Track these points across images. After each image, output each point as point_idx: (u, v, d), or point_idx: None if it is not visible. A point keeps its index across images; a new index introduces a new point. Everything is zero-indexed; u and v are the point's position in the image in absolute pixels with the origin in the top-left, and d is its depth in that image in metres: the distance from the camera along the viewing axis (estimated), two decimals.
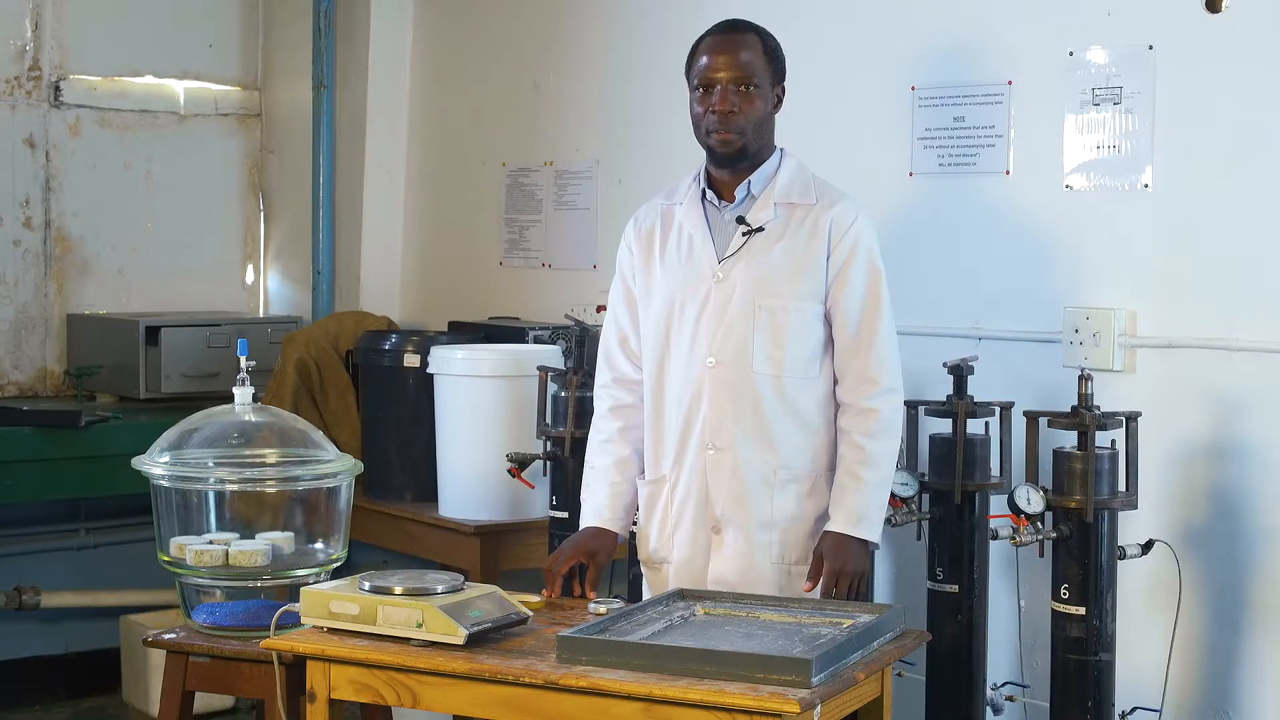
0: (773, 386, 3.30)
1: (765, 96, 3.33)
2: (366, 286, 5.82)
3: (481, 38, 5.56)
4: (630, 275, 3.48)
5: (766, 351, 3.29)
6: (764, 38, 3.37)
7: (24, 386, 5.74)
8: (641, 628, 2.98)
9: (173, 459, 3.53)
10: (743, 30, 3.37)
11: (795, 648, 2.83)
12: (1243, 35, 3.60)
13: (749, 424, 3.30)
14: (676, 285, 3.37)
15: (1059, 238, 3.93)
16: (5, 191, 5.67)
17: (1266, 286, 3.58)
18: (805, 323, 3.30)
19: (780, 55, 3.39)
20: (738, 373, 3.30)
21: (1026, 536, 3.41)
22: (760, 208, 3.34)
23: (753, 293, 3.30)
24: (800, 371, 3.31)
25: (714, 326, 3.32)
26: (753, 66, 3.31)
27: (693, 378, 3.33)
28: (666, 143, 4.88)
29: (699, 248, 3.36)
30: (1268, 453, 3.56)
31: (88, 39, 5.85)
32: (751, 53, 3.32)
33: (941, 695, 3.71)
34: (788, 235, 3.32)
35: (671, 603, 3.15)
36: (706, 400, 3.32)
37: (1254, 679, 3.60)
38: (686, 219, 3.40)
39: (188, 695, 3.49)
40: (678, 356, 3.36)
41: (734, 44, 3.33)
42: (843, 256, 3.30)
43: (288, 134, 6.15)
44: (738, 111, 3.29)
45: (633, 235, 3.49)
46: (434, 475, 4.61)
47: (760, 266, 3.31)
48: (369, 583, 3.02)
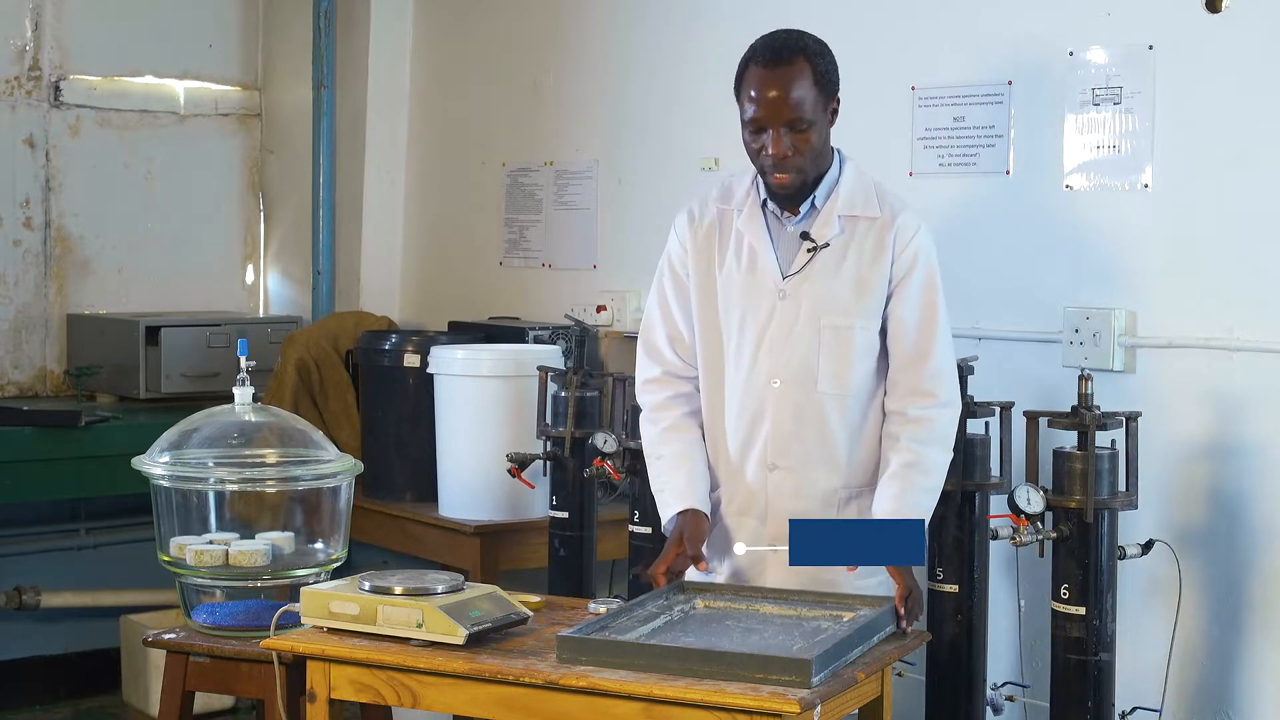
0: (836, 406, 3.22)
1: (820, 127, 3.18)
2: (366, 286, 5.82)
3: (481, 38, 5.56)
4: (684, 271, 3.34)
5: (832, 371, 3.21)
6: (813, 59, 3.17)
7: (24, 386, 5.75)
8: (641, 624, 2.98)
9: (173, 459, 3.53)
10: (790, 59, 3.15)
11: (795, 644, 2.83)
12: (1243, 35, 3.60)
13: (812, 444, 3.22)
14: (736, 298, 3.26)
15: (1059, 238, 3.93)
16: (5, 191, 5.67)
17: (1266, 286, 3.58)
18: (869, 341, 3.22)
19: (833, 72, 3.21)
20: (802, 393, 3.22)
21: (1026, 536, 3.40)
22: (824, 222, 3.23)
23: (818, 311, 3.21)
24: (865, 390, 3.23)
25: (778, 345, 3.22)
26: (804, 104, 3.14)
27: (754, 395, 3.24)
28: (666, 143, 4.89)
29: (762, 261, 3.25)
30: (1268, 453, 3.56)
31: (88, 39, 5.85)
32: (802, 86, 3.13)
33: (941, 695, 3.71)
34: (851, 251, 3.22)
35: (671, 596, 3.14)
36: (769, 420, 3.23)
37: (1254, 679, 3.60)
38: (748, 229, 3.27)
39: (188, 695, 3.50)
40: (738, 372, 3.26)
41: (783, 80, 3.13)
42: (903, 270, 3.22)
43: (288, 134, 6.16)
44: (793, 153, 3.15)
45: (687, 231, 3.34)
46: (434, 475, 4.61)
47: (825, 285, 3.21)
48: (369, 583, 3.02)
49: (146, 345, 5.50)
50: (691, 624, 3.01)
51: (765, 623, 3.01)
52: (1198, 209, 3.69)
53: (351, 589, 3.03)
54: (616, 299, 5.01)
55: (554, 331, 4.84)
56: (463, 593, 3.01)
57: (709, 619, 3.05)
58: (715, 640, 2.88)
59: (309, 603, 3.04)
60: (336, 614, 3.00)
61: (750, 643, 2.88)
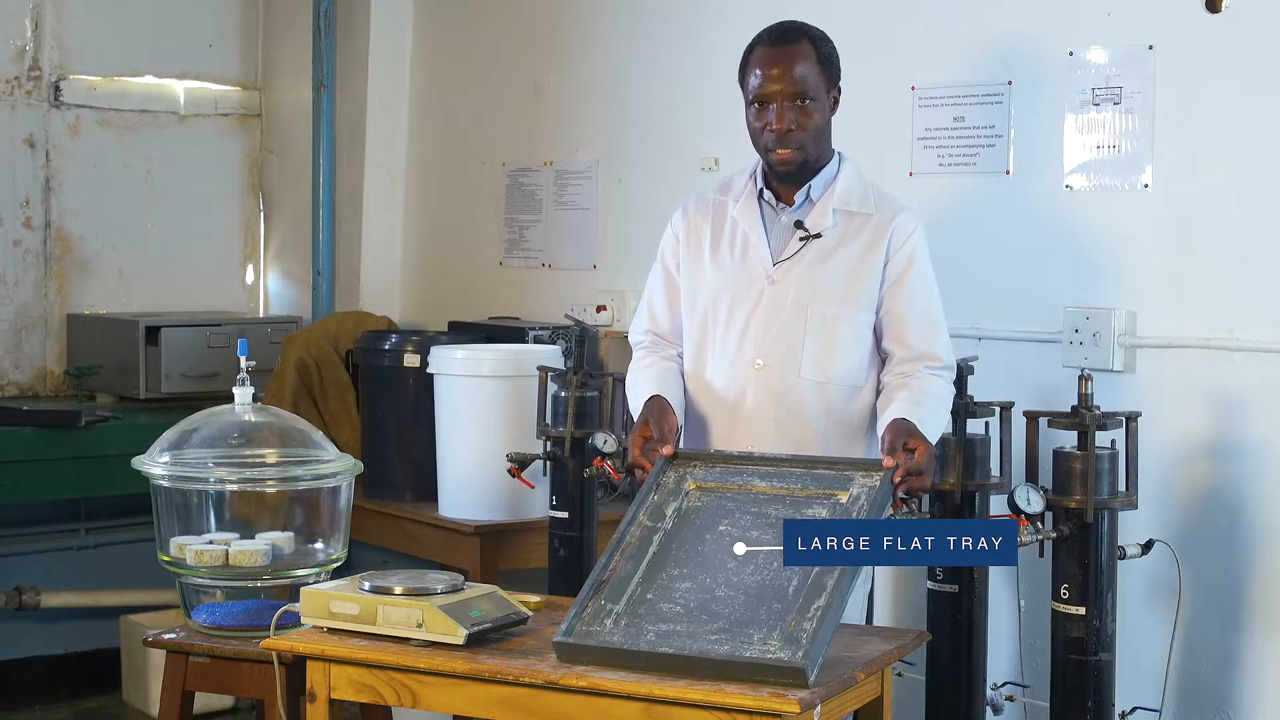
0: (818, 393, 3.25)
1: (822, 107, 3.25)
2: (366, 286, 5.82)
3: (481, 38, 5.56)
4: (675, 265, 3.41)
5: (816, 358, 3.24)
6: (817, 43, 3.27)
7: (24, 386, 5.74)
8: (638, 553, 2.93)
9: (173, 459, 3.53)
10: (794, 39, 3.26)
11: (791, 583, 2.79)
12: (1243, 35, 3.60)
13: (790, 429, 3.25)
14: (727, 282, 3.31)
15: (1059, 238, 3.93)
16: (5, 191, 5.67)
17: (1266, 286, 3.58)
18: (856, 332, 3.26)
19: (835, 58, 3.30)
20: (784, 377, 3.25)
21: (1026, 536, 3.40)
22: (819, 214, 3.28)
23: (806, 298, 3.25)
24: (848, 380, 3.26)
25: (764, 328, 3.26)
26: (807, 79, 3.22)
27: (737, 378, 3.28)
28: (666, 143, 4.89)
29: (754, 248, 3.30)
30: (1268, 453, 3.56)
31: (88, 39, 5.85)
32: (806, 64, 3.23)
33: (941, 695, 3.71)
34: (845, 243, 3.26)
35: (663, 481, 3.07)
36: (750, 402, 3.27)
37: (1254, 679, 3.60)
38: (742, 217, 3.33)
39: (188, 695, 3.49)
40: (723, 355, 3.30)
41: (787, 56, 3.23)
42: (899, 267, 3.25)
43: (288, 134, 6.16)
44: (796, 128, 3.22)
45: (681, 225, 3.41)
46: (434, 475, 4.61)
47: (816, 273, 3.25)
48: (369, 583, 3.02)
49: (146, 345, 5.49)
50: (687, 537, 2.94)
51: (760, 518, 2.94)
52: (1198, 209, 3.69)
53: (351, 589, 3.03)
54: (616, 299, 5.01)
55: (554, 331, 4.84)
56: (463, 593, 3.01)
57: (702, 528, 2.96)
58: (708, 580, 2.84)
59: (309, 603, 3.04)
60: (336, 614, 3.00)
61: (745, 578, 2.82)
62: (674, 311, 3.42)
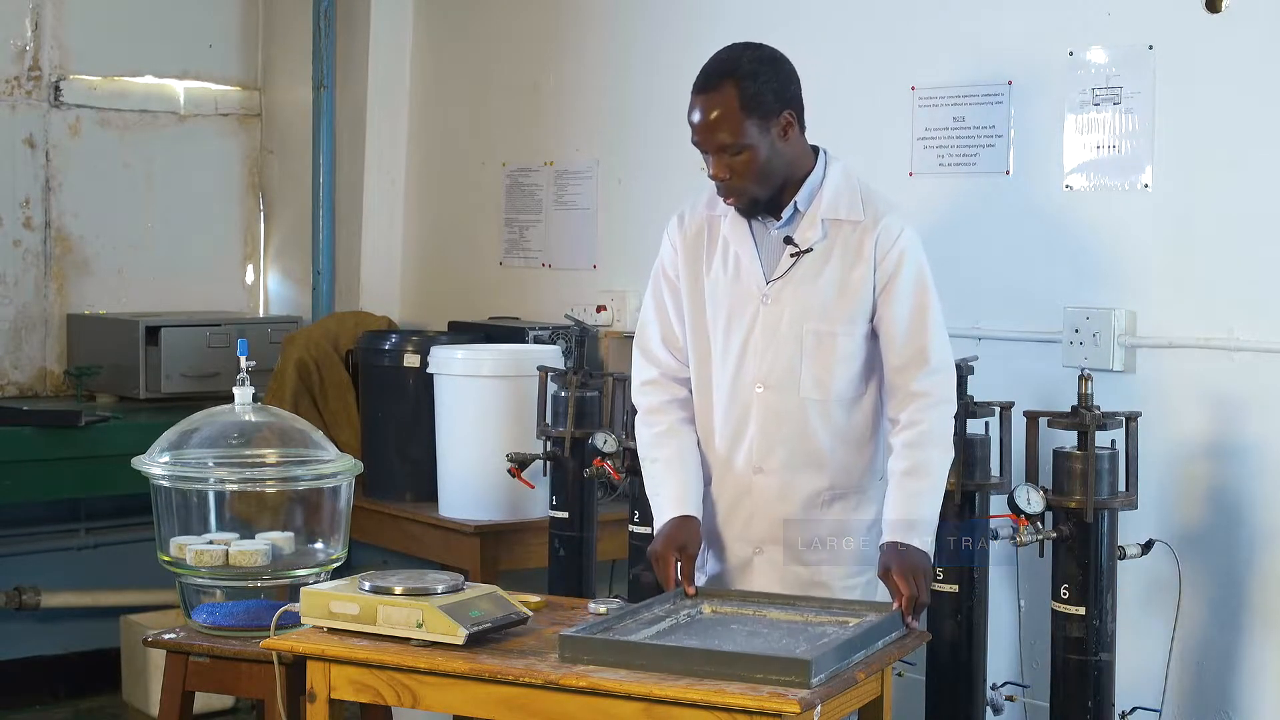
0: (820, 411, 3.23)
1: (759, 143, 3.13)
2: (366, 286, 5.82)
3: (481, 38, 5.56)
4: (675, 273, 3.36)
5: (815, 377, 3.21)
6: (742, 84, 3.12)
7: (24, 386, 5.75)
8: (647, 626, 2.98)
9: (173, 459, 3.53)
10: (715, 85, 3.13)
11: (799, 647, 2.83)
12: (1243, 35, 3.60)
13: (796, 449, 3.23)
14: (722, 302, 3.27)
15: (1059, 238, 3.93)
16: (5, 191, 5.67)
17: (1266, 286, 3.58)
18: (852, 345, 3.22)
19: (765, 92, 3.13)
20: (785, 398, 3.22)
21: (1026, 536, 3.40)
22: (807, 226, 3.22)
23: (800, 316, 3.21)
24: (847, 394, 3.24)
25: (762, 350, 3.23)
26: (733, 127, 3.11)
27: (740, 399, 3.25)
28: (666, 143, 4.87)
29: (746, 267, 3.25)
30: (1268, 453, 3.56)
31: (88, 39, 5.85)
32: (725, 111, 3.11)
33: (941, 695, 3.71)
34: (835, 256, 3.22)
35: (678, 600, 3.14)
36: (754, 424, 3.25)
37: (1254, 679, 3.60)
38: (732, 235, 3.27)
39: (188, 695, 3.49)
40: (724, 375, 3.27)
41: (709, 105, 3.13)
42: (887, 274, 3.20)
43: (288, 134, 6.16)
44: (732, 175, 3.16)
45: (678, 235, 3.35)
46: (434, 475, 4.61)
47: (808, 290, 3.21)
48: (369, 583, 3.02)
49: (146, 345, 5.50)
50: (696, 628, 3.01)
51: (771, 627, 3.01)
52: (1198, 209, 3.69)
53: (351, 589, 3.03)
54: (616, 299, 5.01)
55: (554, 331, 4.84)
56: (463, 593, 3.01)
57: (714, 623, 3.04)
58: (718, 643, 2.87)
59: (309, 603, 3.04)
60: (336, 614, 3.00)
61: (754, 645, 2.87)
62: (682, 320, 3.36)
